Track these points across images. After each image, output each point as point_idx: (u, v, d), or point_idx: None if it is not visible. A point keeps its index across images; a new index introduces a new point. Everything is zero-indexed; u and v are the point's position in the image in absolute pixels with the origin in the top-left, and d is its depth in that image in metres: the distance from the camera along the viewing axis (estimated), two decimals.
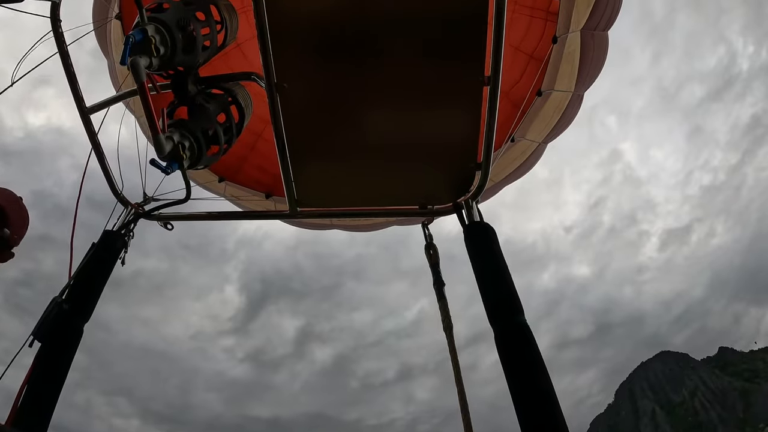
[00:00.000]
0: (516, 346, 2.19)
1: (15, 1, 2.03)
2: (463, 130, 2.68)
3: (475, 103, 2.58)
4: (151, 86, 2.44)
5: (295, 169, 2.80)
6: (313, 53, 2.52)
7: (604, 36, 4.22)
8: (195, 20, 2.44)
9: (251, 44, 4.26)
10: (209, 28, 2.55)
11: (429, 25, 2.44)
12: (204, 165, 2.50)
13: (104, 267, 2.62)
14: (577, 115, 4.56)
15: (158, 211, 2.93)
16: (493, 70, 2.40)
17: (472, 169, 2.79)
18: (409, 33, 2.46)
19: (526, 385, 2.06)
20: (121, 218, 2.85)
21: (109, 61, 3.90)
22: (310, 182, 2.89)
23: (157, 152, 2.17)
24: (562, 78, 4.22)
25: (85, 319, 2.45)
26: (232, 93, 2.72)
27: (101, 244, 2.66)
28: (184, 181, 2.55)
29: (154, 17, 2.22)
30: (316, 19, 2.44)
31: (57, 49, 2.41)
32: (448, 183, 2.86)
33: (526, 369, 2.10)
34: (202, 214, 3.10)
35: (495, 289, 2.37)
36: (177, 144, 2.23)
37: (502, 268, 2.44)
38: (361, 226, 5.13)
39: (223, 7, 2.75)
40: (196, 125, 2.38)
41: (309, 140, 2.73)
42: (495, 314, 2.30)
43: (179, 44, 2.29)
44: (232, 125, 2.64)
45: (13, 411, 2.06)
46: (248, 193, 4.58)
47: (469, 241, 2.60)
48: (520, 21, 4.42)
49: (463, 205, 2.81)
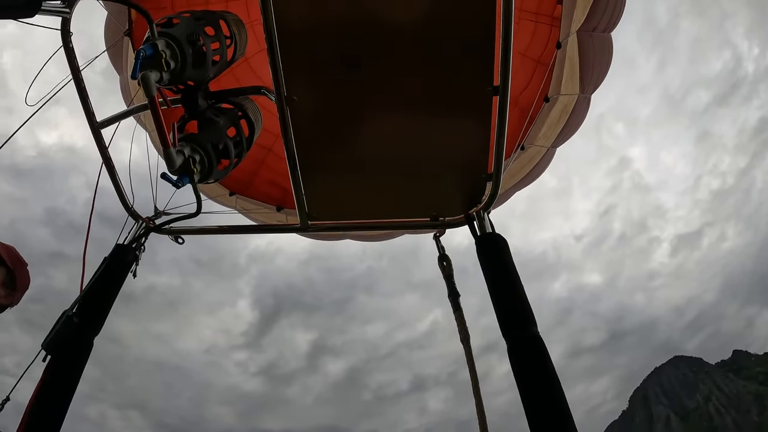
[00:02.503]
0: (529, 357, 2.15)
1: (26, 15, 2.05)
2: (474, 141, 2.67)
3: (485, 112, 2.56)
4: (162, 101, 2.46)
5: (306, 182, 2.79)
6: (322, 66, 2.52)
7: (606, 37, 4.19)
8: (204, 35, 2.45)
9: (259, 58, 4.27)
10: (219, 42, 2.57)
11: (436, 36, 2.43)
12: (215, 179, 2.50)
13: (115, 280, 2.61)
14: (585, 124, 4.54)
15: (169, 225, 2.92)
16: (502, 79, 2.38)
17: (483, 180, 2.77)
18: (417, 44, 2.45)
19: (539, 397, 2.02)
20: (132, 232, 2.85)
21: (121, 77, 3.93)
22: (321, 195, 2.89)
23: (168, 166, 2.16)
24: (567, 82, 4.22)
25: (95, 332, 2.43)
26: (241, 107, 2.72)
27: (112, 257, 2.65)
28: (195, 195, 2.54)
29: (165, 32, 2.23)
30: (324, 32, 2.44)
31: (68, 63, 2.41)
32: (459, 194, 2.85)
33: (539, 381, 2.07)
34: (213, 228, 3.10)
35: (507, 301, 2.34)
36: (188, 158, 2.24)
37: (514, 279, 2.40)
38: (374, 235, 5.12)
39: (232, 21, 2.77)
40: (207, 139, 2.38)
41: (319, 153, 2.72)
42: (507, 325, 2.26)
43: (189, 59, 2.30)
44: (242, 139, 2.64)
45: (22, 424, 2.06)
46: (259, 206, 4.59)
47: (482, 253, 2.57)
48: (526, 27, 4.42)
49: (474, 217, 2.78)
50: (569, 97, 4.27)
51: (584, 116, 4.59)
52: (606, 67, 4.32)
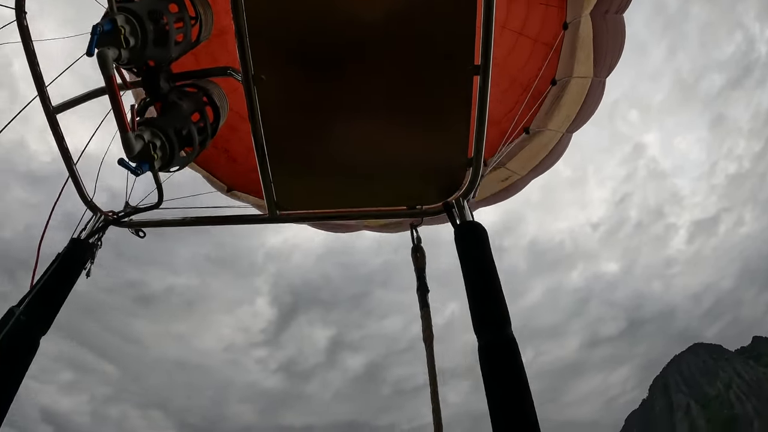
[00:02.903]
0: (500, 361, 2.03)
1: None
2: (454, 124, 2.52)
3: (466, 94, 2.42)
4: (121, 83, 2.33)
5: (274, 169, 2.64)
6: (293, 48, 2.37)
7: (619, 19, 4.06)
8: (168, 13, 2.32)
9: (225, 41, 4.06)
10: (183, 21, 2.43)
11: (414, 13, 2.29)
12: (177, 167, 2.37)
13: (68, 278, 2.47)
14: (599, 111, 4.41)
15: (129, 218, 2.77)
16: (483, 57, 2.24)
17: (464, 167, 2.63)
18: (393, 21, 2.31)
19: (507, 405, 1.91)
20: (90, 226, 2.68)
21: None
22: (291, 184, 2.74)
23: (126, 152, 2.03)
24: (579, 64, 4.07)
25: (42, 331, 2.29)
26: (206, 91, 2.59)
27: (67, 253, 2.50)
28: (156, 184, 2.40)
29: (124, 7, 2.09)
30: (296, 18, 2.30)
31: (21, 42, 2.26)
32: (438, 181, 2.71)
33: (508, 387, 1.95)
34: (176, 220, 2.93)
35: (483, 297, 2.23)
36: (147, 143, 2.11)
37: (491, 274, 2.29)
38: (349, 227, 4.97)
39: (198, 1, 2.63)
40: (169, 124, 2.25)
41: (289, 138, 2.57)
42: (481, 324, 2.14)
43: (150, 36, 2.16)
44: (207, 125, 2.50)
45: None
46: (212, 179, 4.44)
47: (460, 243, 2.45)
48: (518, 6, 4.25)
49: (453, 204, 2.65)
50: (583, 80, 4.14)
51: (599, 100, 4.45)
52: (620, 49, 4.19)
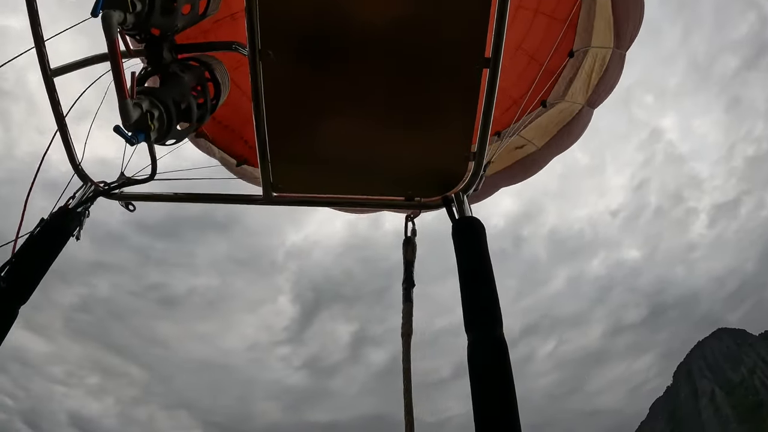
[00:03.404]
0: (488, 361, 2.00)
1: None
2: (459, 117, 2.48)
3: (473, 86, 2.37)
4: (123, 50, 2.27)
5: (273, 150, 2.58)
6: (302, 27, 2.33)
7: None
8: None
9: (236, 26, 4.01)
10: None
11: (425, 4, 2.25)
12: (173, 139, 2.30)
13: (52, 246, 2.38)
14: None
15: (120, 190, 2.69)
16: (494, 51, 2.18)
17: (466, 160, 2.58)
18: (403, 11, 2.27)
19: (490, 405, 1.89)
20: (79, 195, 2.61)
21: None
22: (289, 165, 2.68)
23: (123, 119, 1.98)
24: (598, 35, 3.97)
25: (22, 300, 2.20)
26: (209, 67, 2.52)
27: (52, 220, 2.42)
28: (150, 156, 2.33)
29: None
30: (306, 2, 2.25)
31: None
32: (439, 174, 2.66)
33: (493, 387, 1.93)
34: (168, 195, 2.88)
35: (476, 294, 2.20)
36: (145, 113, 2.05)
37: (486, 271, 2.26)
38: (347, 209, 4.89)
39: None
40: (168, 95, 2.20)
41: (290, 119, 2.52)
42: (472, 321, 2.11)
43: (158, 2, 2.10)
44: (207, 101, 2.44)
45: None
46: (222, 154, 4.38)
47: (457, 237, 2.42)
48: None
49: (453, 199, 2.60)
50: (603, 51, 4.08)
51: (620, 73, 4.36)
52: (640, 19, 4.11)
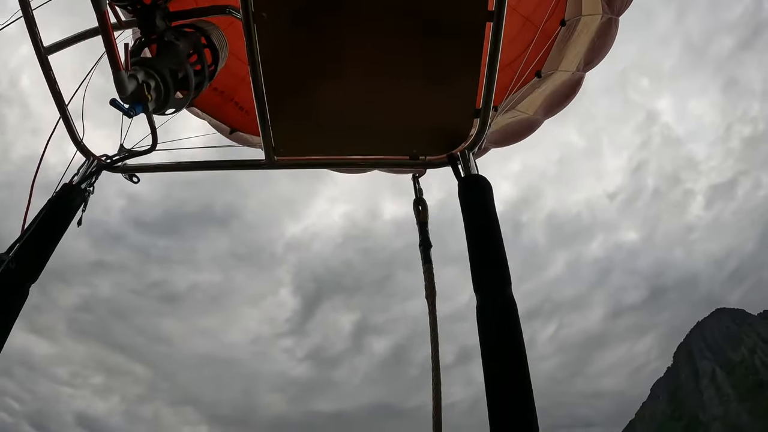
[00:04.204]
0: (498, 321, 1.94)
1: None
2: (462, 73, 2.38)
3: (476, 41, 2.28)
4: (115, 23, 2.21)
5: (273, 113, 2.51)
6: None
7: None
8: None
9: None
10: None
11: None
12: (172, 109, 2.24)
13: (59, 224, 2.36)
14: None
15: (122, 163, 2.66)
16: (498, 4, 2.10)
17: (471, 117, 2.50)
18: None
19: (502, 367, 1.84)
20: (82, 171, 2.58)
21: None
22: (290, 128, 2.61)
23: (118, 92, 1.91)
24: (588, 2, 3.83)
25: (32, 279, 2.20)
26: (205, 32, 2.44)
27: (58, 199, 2.40)
28: (150, 127, 2.29)
29: None
30: None
31: None
32: (444, 132, 2.58)
33: (504, 348, 1.87)
34: (171, 164, 2.83)
35: (484, 254, 2.13)
36: (141, 84, 1.98)
37: (494, 230, 2.18)
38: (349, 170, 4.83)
39: None
40: (164, 64, 2.12)
41: (289, 80, 2.43)
42: (480, 282, 2.04)
43: None
44: (204, 68, 2.36)
45: None
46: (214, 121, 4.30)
47: (463, 196, 2.34)
48: None
49: (458, 157, 2.52)
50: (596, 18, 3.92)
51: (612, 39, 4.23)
52: None
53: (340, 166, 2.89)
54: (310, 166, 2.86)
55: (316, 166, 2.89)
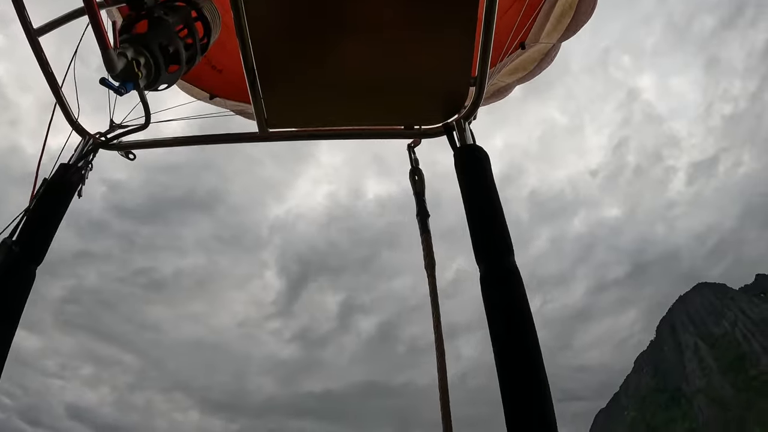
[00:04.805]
0: (502, 290, 1.90)
1: None
2: (457, 41, 2.31)
3: (471, 8, 2.20)
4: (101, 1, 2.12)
5: (264, 84, 2.44)
6: None
7: None
8: None
9: None
10: None
11: None
12: (164, 84, 2.16)
13: (59, 205, 2.31)
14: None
15: (118, 140, 2.61)
16: None
17: (466, 85, 2.42)
18: None
19: (510, 335, 1.80)
20: (78, 150, 2.53)
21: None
22: (281, 99, 2.54)
23: (108, 70, 1.83)
24: None
25: (37, 261, 2.16)
26: (196, 5, 2.34)
27: (55, 179, 2.35)
28: (143, 104, 2.22)
29: None
30: None
31: None
32: (439, 101, 2.51)
33: (510, 316, 1.83)
34: (166, 140, 2.78)
35: (484, 223, 2.08)
36: (131, 61, 1.89)
37: (493, 199, 2.13)
38: None
39: None
40: (153, 40, 2.02)
41: (278, 51, 2.35)
42: (482, 251, 1.99)
43: None
44: (196, 41, 2.27)
45: None
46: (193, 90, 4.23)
47: (460, 167, 2.27)
48: None
49: (454, 126, 2.47)
50: None
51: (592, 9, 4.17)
52: None
53: (333, 137, 2.81)
54: (303, 137, 2.80)
55: (310, 138, 2.82)
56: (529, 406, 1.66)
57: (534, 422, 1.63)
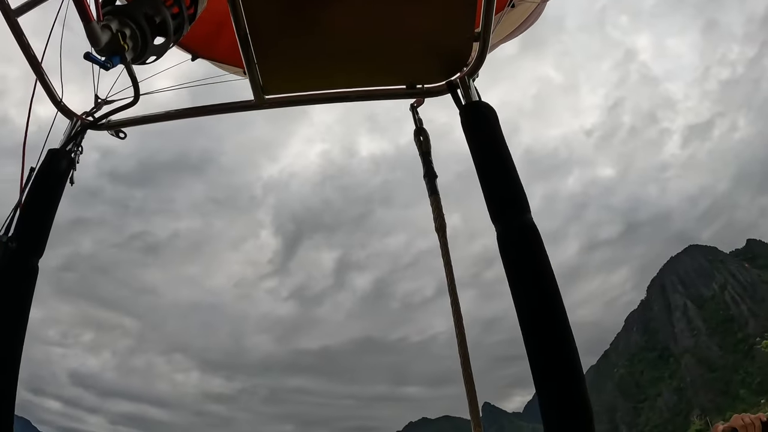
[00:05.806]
0: (521, 248, 1.88)
1: None
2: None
3: None
4: None
5: (257, 49, 2.35)
6: None
7: None
8: None
9: None
10: None
11: None
12: (153, 56, 2.08)
13: (52, 193, 2.23)
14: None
15: (107, 119, 2.48)
16: None
17: (469, 41, 2.34)
18: None
19: (532, 292, 1.79)
20: (66, 132, 2.41)
21: None
22: (277, 64, 2.45)
23: (92, 44, 1.74)
24: None
25: (38, 254, 2.09)
26: None
27: (45, 166, 2.24)
28: (131, 78, 2.12)
29: None
30: None
31: None
32: (442, 58, 2.44)
33: (531, 274, 1.82)
34: (158, 114, 2.67)
35: (497, 182, 2.03)
36: (115, 33, 1.82)
37: (504, 157, 2.07)
38: None
39: None
40: (138, 11, 1.93)
41: (272, 12, 2.27)
42: (498, 211, 1.96)
43: None
44: (183, 11, 2.18)
45: None
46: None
47: (467, 125, 2.21)
48: None
49: (458, 84, 2.39)
50: None
51: None
52: None
53: (334, 100, 2.71)
54: (301, 102, 2.70)
55: (308, 102, 2.73)
56: (559, 368, 1.67)
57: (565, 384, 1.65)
